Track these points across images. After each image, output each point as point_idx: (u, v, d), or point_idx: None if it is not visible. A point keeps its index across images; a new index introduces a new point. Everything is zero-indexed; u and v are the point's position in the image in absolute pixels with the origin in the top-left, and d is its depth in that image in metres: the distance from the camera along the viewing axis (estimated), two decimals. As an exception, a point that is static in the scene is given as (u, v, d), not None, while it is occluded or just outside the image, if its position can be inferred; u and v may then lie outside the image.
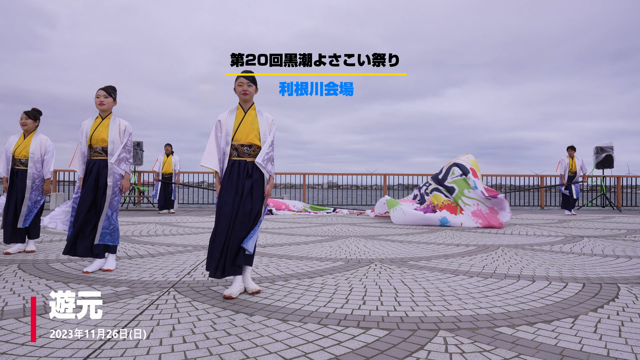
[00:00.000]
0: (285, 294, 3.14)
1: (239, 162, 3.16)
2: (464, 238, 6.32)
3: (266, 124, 3.25)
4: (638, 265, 4.25)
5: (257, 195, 3.15)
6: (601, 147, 12.65)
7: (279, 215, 10.52)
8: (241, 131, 3.19)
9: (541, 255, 4.78)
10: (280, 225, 8.22)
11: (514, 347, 2.14)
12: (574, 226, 8.22)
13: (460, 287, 3.33)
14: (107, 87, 4.04)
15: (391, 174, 14.33)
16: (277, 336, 2.29)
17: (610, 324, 2.49)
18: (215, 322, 2.52)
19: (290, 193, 14.40)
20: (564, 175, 11.50)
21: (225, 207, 3.07)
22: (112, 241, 3.90)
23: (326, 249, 5.19)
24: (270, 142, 3.23)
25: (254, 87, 3.29)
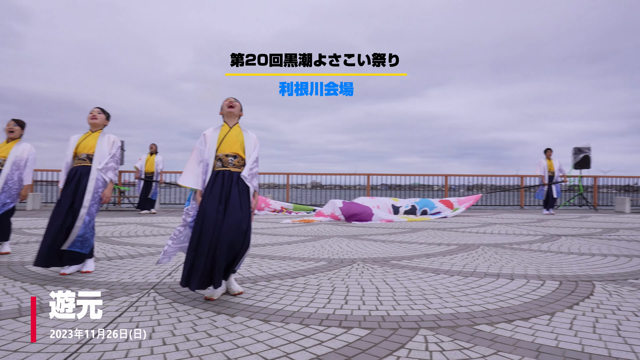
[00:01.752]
0: (268, 294, 3.13)
1: (224, 172, 3.13)
2: (445, 237, 6.39)
3: (251, 141, 3.28)
4: (613, 263, 4.37)
5: (245, 205, 3.10)
6: (578, 148, 12.95)
7: (261, 216, 10.48)
8: (226, 143, 3.19)
9: (520, 254, 4.87)
10: (263, 225, 8.19)
11: (492, 344, 2.18)
12: (552, 225, 8.39)
13: (441, 286, 3.37)
14: (103, 108, 4.11)
15: (374, 174, 14.41)
16: (258, 337, 2.28)
17: (585, 320, 2.55)
18: (196, 323, 2.50)
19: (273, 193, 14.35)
20: (543, 176, 11.73)
21: (208, 216, 2.96)
22: (81, 248, 3.75)
23: (309, 249, 5.19)
24: (255, 159, 3.24)
25: (240, 105, 3.36)
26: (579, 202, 13.98)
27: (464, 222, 9.08)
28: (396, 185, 14.64)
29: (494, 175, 14.74)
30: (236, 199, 3.06)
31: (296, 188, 15.02)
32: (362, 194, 14.50)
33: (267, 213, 10.93)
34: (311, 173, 14.65)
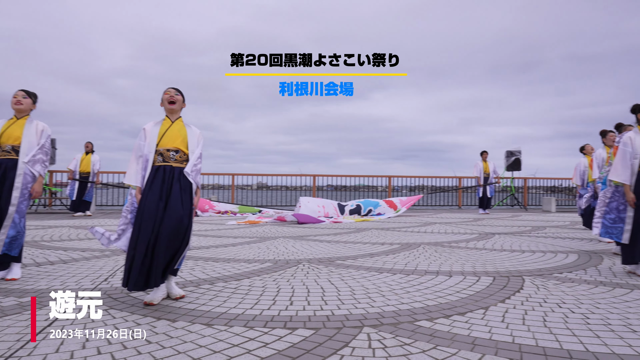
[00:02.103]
0: (211, 297, 3.06)
1: (164, 168, 3.02)
2: (388, 237, 6.57)
3: (194, 136, 3.18)
4: (540, 258, 4.69)
5: (186, 202, 3.01)
6: (511, 151, 13.79)
7: (205, 217, 10.24)
8: (167, 137, 3.08)
9: (458, 252, 5.10)
10: (207, 227, 8.00)
11: (431, 339, 2.27)
12: (486, 224, 8.87)
13: (384, 284, 3.46)
14: (28, 90, 3.73)
15: (320, 174, 14.52)
16: (201, 341, 2.23)
17: (515, 313, 2.72)
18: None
19: (218, 194, 14.06)
20: (479, 177, 12.37)
21: (148, 213, 2.87)
22: (10, 250, 3.48)
23: (254, 251, 5.13)
24: (199, 155, 3.16)
25: (182, 98, 3.21)
26: (511, 202, 14.87)
27: (406, 222, 9.37)
28: (342, 186, 14.84)
29: (434, 177, 15.35)
30: (177, 195, 2.96)
31: (242, 189, 14.81)
32: (308, 195, 14.57)
33: (211, 214, 10.69)
34: (257, 174, 14.53)
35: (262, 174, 14.59)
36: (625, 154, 3.91)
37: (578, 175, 7.10)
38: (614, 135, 5.85)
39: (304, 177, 14.43)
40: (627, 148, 3.91)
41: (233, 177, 13.82)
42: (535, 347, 2.16)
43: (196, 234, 6.80)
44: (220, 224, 8.63)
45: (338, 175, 14.76)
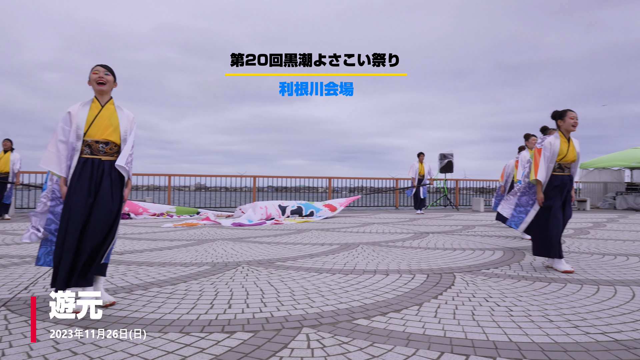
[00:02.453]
0: (144, 303, 2.93)
1: (92, 161, 2.82)
2: (328, 237, 6.64)
3: (127, 121, 2.96)
4: (470, 256, 4.96)
5: (116, 197, 2.86)
6: (444, 154, 14.47)
7: (139, 220, 9.79)
8: (97, 126, 2.84)
9: (394, 251, 5.27)
10: (140, 230, 7.65)
11: (369, 336, 2.32)
12: (421, 224, 9.24)
13: (324, 285, 3.49)
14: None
15: (261, 176, 14.40)
16: (133, 350, 2.13)
17: (447, 308, 2.86)
18: (59, 342, 2.24)
19: (153, 195, 13.50)
20: (414, 178, 12.85)
21: (75, 211, 2.71)
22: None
23: (191, 254, 4.98)
24: (132, 143, 2.97)
25: (112, 77, 2.95)
26: (444, 202, 15.60)
27: (345, 222, 9.53)
28: (282, 187, 14.81)
29: (373, 178, 15.75)
30: (107, 191, 2.80)
31: (179, 190, 14.32)
32: (249, 196, 14.39)
33: (145, 217, 10.24)
34: (195, 174, 14.12)
35: (200, 174, 14.21)
36: (545, 157, 4.24)
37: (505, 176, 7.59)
38: (536, 140, 6.33)
39: (244, 178, 14.24)
40: (546, 152, 4.24)
41: (170, 178, 13.34)
42: (465, 340, 2.28)
43: (129, 238, 6.48)
44: (155, 226, 8.29)
45: (279, 176, 14.72)
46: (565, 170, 4.27)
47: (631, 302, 3.03)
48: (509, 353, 2.11)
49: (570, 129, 4.23)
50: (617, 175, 18.28)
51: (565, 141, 4.24)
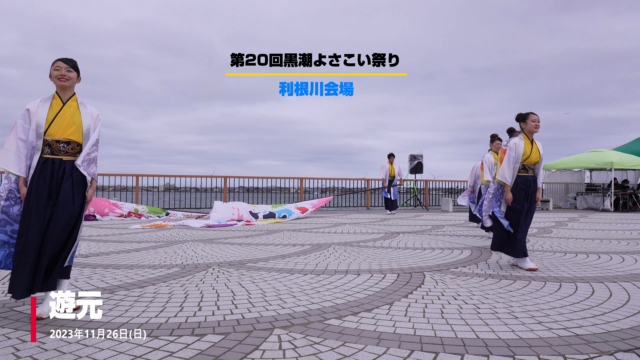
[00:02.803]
0: (111, 307, 2.85)
1: (53, 161, 2.70)
2: (300, 238, 6.64)
3: (90, 118, 2.83)
4: (439, 255, 5.06)
5: (78, 198, 2.76)
6: (414, 155, 14.71)
7: (105, 222, 9.52)
8: (57, 125, 2.71)
9: (366, 251, 5.32)
10: (107, 232, 7.44)
11: (340, 336, 2.33)
12: (392, 224, 9.35)
13: (295, 285, 3.49)
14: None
15: (232, 176, 14.25)
16: (98, 355, 2.06)
17: (417, 307, 2.90)
18: (19, 348, 2.15)
19: (121, 196, 13.14)
20: (385, 179, 13.00)
21: (35, 214, 2.59)
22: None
23: (160, 256, 4.88)
24: (95, 141, 2.85)
25: (75, 73, 2.81)
26: (414, 202, 15.86)
27: (317, 222, 9.55)
28: (254, 188, 14.69)
29: (345, 179, 15.84)
30: (68, 193, 2.69)
31: (147, 190, 13.99)
32: (220, 197, 14.21)
33: (112, 219, 9.95)
34: (164, 175, 13.84)
35: (170, 174, 13.94)
36: (510, 158, 4.37)
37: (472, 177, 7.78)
38: (499, 143, 6.53)
39: (215, 178, 14.06)
40: (511, 153, 4.37)
41: (137, 178, 13.03)
42: (434, 338, 2.32)
43: (95, 240, 6.29)
44: (122, 228, 8.07)
45: (250, 176, 14.60)
46: (529, 171, 4.41)
47: (591, 298, 3.16)
48: (477, 350, 2.17)
49: (533, 130, 4.38)
50: (578, 176, 19.06)
51: (529, 143, 4.38)
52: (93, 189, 2.87)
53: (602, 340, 2.29)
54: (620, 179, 17.83)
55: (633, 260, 4.75)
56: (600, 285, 3.56)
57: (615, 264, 4.52)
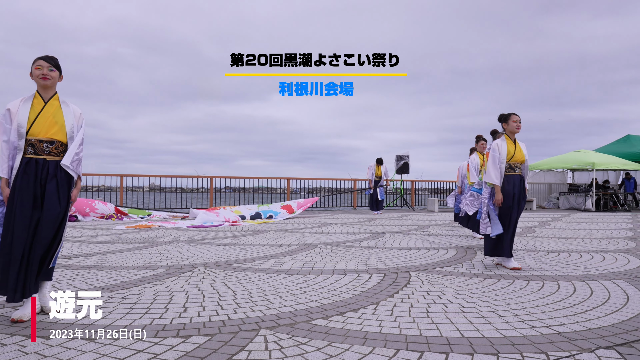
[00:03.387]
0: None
1: (37, 161, 2.65)
2: (286, 238, 6.63)
3: (73, 117, 2.79)
4: (425, 255, 5.09)
5: (63, 198, 2.71)
6: (400, 156, 14.79)
7: (87, 222, 9.37)
8: (40, 124, 2.67)
9: (352, 251, 5.33)
10: (90, 232, 7.33)
11: (326, 336, 2.34)
12: (379, 224, 9.40)
13: (282, 286, 3.48)
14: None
15: (218, 176, 14.15)
16: (81, 358, 2.03)
17: (403, 306, 2.92)
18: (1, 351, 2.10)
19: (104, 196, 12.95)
20: (371, 179, 13.06)
21: (21, 216, 2.54)
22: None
23: (145, 257, 4.83)
24: (80, 141, 2.80)
25: (57, 72, 2.77)
26: (400, 202, 15.95)
27: (304, 223, 9.54)
28: (241, 189, 14.62)
29: (331, 179, 15.86)
30: (54, 194, 2.64)
31: (132, 191, 13.82)
32: (206, 197, 14.11)
33: (93, 219, 9.80)
34: (149, 175, 13.67)
35: (155, 174, 13.78)
36: (495, 159, 4.42)
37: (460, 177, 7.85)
38: (484, 144, 6.61)
39: (201, 178, 13.95)
40: (495, 154, 4.42)
41: (122, 178, 12.86)
42: (420, 337, 2.34)
43: (78, 241, 6.19)
44: (106, 229, 7.96)
45: (237, 177, 14.52)
46: (516, 170, 4.46)
47: (572, 296, 3.22)
48: (461, 348, 2.19)
49: (514, 130, 4.44)
50: (561, 176, 19.39)
51: (512, 143, 4.45)
52: (78, 189, 2.83)
53: (583, 338, 2.33)
54: (601, 179, 18.20)
55: (613, 259, 4.85)
56: (581, 283, 3.62)
57: (596, 263, 4.61)
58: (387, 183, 13.78)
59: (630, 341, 2.29)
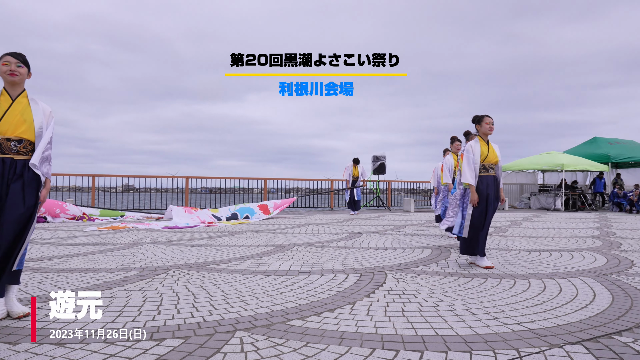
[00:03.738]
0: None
1: (3, 160, 2.57)
2: (263, 239, 6.59)
3: (42, 115, 2.72)
4: (400, 254, 5.15)
5: (30, 198, 2.63)
6: (377, 156, 14.91)
7: (56, 224, 9.11)
8: (7, 122, 2.59)
9: (329, 251, 5.34)
10: (60, 234, 7.12)
11: (303, 337, 2.33)
12: (355, 224, 9.45)
13: (258, 287, 3.46)
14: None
15: (194, 176, 13.96)
16: (49, 364, 1.97)
17: (379, 306, 2.95)
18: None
19: (75, 197, 12.60)
20: (348, 180, 13.12)
21: None
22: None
23: (118, 259, 4.72)
24: (49, 139, 2.73)
25: (26, 69, 2.69)
26: (376, 203, 16.08)
27: (281, 223, 9.51)
28: (217, 189, 14.46)
29: (308, 179, 15.86)
30: (18, 193, 2.56)
31: (104, 191, 13.50)
32: (181, 197, 13.91)
33: (64, 220, 9.53)
34: (122, 175, 13.39)
35: (128, 175, 13.50)
36: (469, 160, 4.50)
37: (435, 178, 7.97)
38: (459, 145, 6.73)
39: (177, 179, 13.73)
40: (470, 155, 4.51)
41: (94, 179, 12.54)
42: (395, 336, 2.36)
43: (47, 243, 6.01)
44: (77, 230, 7.75)
45: (213, 177, 14.35)
46: (489, 170, 4.55)
47: (543, 293, 3.31)
48: (436, 346, 2.22)
49: (487, 132, 4.54)
50: (532, 177, 19.92)
51: (485, 144, 4.55)
52: (47, 189, 2.75)
53: (552, 334, 2.40)
54: (570, 180, 18.79)
55: (581, 257, 5.01)
56: (551, 281, 3.73)
57: (565, 261, 4.75)
58: (364, 184, 13.87)
59: (597, 336, 2.37)
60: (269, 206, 11.45)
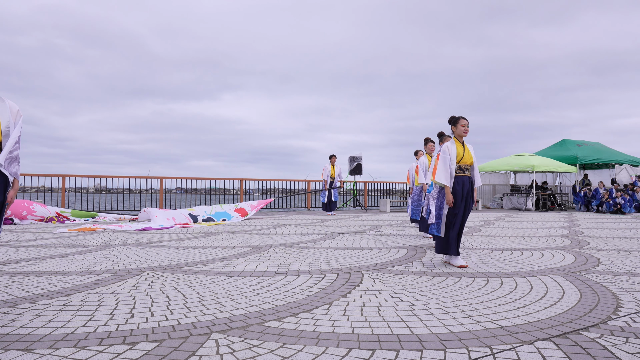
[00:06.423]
0: (32, 318, 2.64)
1: None
2: (239, 240, 6.54)
3: (10, 114, 2.64)
4: (377, 254, 5.19)
5: None
6: (353, 157, 14.99)
7: (24, 226, 8.81)
8: None
9: (306, 252, 5.34)
10: (28, 237, 6.89)
11: (279, 338, 2.33)
12: (332, 225, 9.47)
13: (234, 288, 3.43)
14: None
15: (169, 177, 13.73)
16: (16, 371, 1.90)
17: (355, 306, 2.96)
18: None
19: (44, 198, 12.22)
20: (326, 180, 13.15)
21: None
22: None
23: (89, 261, 4.60)
24: (17, 138, 2.65)
25: None
26: (353, 203, 16.16)
27: (257, 224, 9.45)
28: (193, 189, 14.26)
29: (285, 180, 15.81)
30: None
31: (75, 192, 13.13)
32: (155, 198, 13.66)
33: (32, 222, 9.23)
34: (94, 175, 13.05)
35: (100, 175, 13.17)
36: (445, 160, 4.58)
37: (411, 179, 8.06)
38: (433, 145, 6.84)
39: (151, 179, 13.47)
40: (446, 155, 4.58)
41: (64, 179, 12.19)
42: (371, 335, 2.38)
43: (14, 245, 5.80)
44: (46, 232, 7.51)
45: (188, 177, 14.15)
46: (465, 171, 4.63)
47: (514, 291, 3.40)
48: (411, 345, 2.25)
49: (462, 134, 4.62)
50: (504, 178, 20.40)
51: (460, 145, 4.63)
52: (15, 190, 2.66)
53: (523, 331, 2.46)
54: (540, 180, 19.32)
55: (551, 256, 5.16)
56: (522, 279, 3.83)
57: (535, 260, 4.88)
58: (342, 184, 13.92)
59: (565, 332, 2.45)
60: (245, 209, 11.34)
